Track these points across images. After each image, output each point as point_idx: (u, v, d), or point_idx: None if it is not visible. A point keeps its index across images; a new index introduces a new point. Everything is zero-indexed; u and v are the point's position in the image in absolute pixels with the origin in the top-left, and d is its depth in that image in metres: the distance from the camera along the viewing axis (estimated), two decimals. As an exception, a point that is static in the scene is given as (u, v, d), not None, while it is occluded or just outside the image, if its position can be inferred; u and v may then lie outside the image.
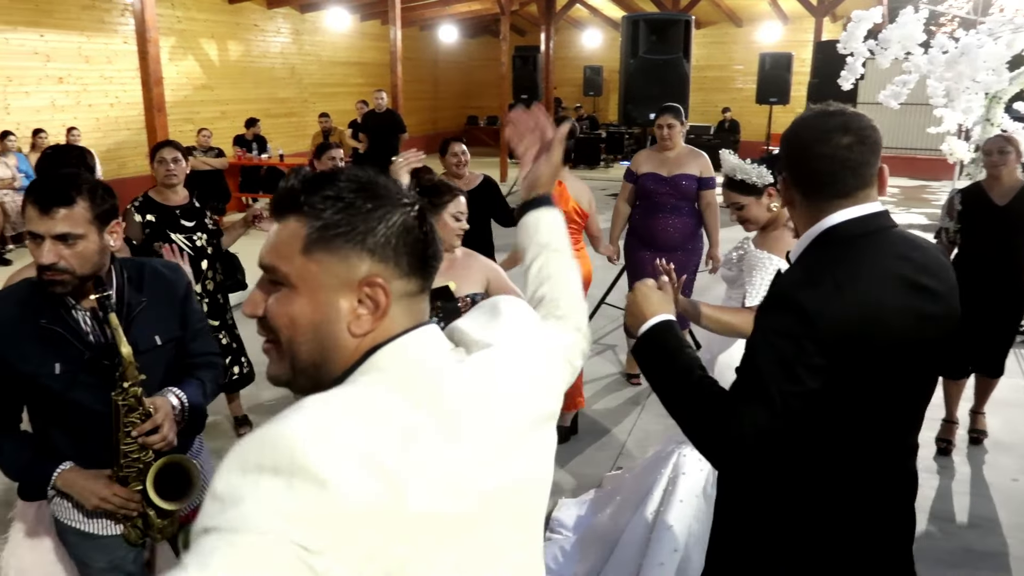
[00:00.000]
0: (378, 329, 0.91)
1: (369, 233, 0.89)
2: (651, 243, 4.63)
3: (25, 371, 1.76)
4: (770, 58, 12.29)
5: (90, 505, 1.85)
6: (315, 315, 0.89)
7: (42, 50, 9.63)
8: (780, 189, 1.52)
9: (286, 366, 0.92)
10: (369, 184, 0.92)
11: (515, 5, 15.34)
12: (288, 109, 14.30)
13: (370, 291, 0.89)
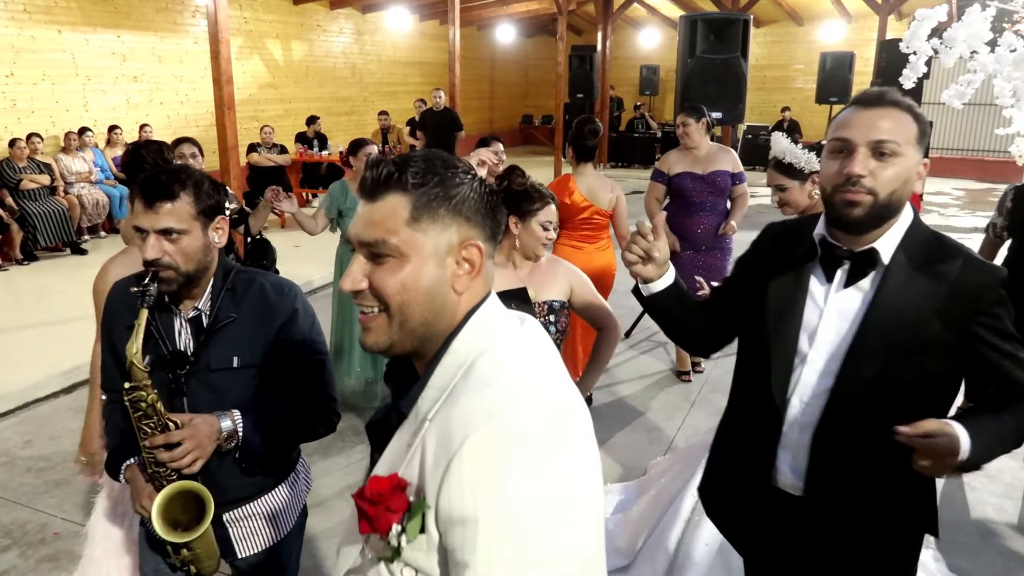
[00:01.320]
0: (472, 288, 1.03)
1: (463, 201, 1.01)
2: (686, 241, 4.69)
3: (122, 357, 1.71)
4: (831, 57, 12.08)
5: (135, 507, 1.77)
6: (424, 278, 0.99)
7: (119, 50, 10.08)
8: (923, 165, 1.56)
9: (395, 330, 1.01)
10: (447, 160, 1.03)
11: (572, 5, 15.38)
12: (349, 107, 14.63)
13: (467, 253, 1.01)
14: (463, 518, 0.89)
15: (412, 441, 0.99)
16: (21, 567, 3.19)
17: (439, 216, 1.00)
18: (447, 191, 1.00)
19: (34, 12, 9.00)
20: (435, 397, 0.99)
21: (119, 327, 1.76)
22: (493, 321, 1.04)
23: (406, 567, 0.97)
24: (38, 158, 8.51)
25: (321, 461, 4.05)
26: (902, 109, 1.52)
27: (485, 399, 0.93)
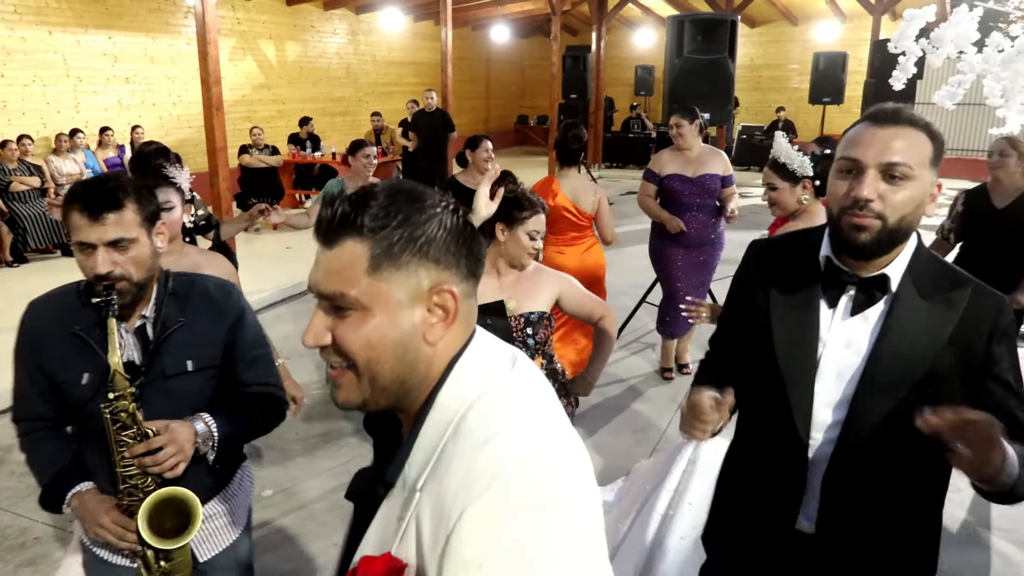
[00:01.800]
0: (449, 335, 0.93)
1: (431, 242, 0.90)
2: (679, 240, 4.72)
3: (56, 378, 1.71)
4: (824, 57, 12.08)
5: (89, 532, 1.73)
6: (392, 332, 0.90)
7: (111, 51, 10.06)
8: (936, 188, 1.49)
9: (365, 388, 0.92)
10: (413, 192, 0.92)
11: (567, 5, 15.37)
12: (344, 108, 14.62)
13: (439, 299, 0.91)
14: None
15: (403, 515, 0.90)
16: (1, 571, 3.18)
17: (403, 262, 0.89)
18: (411, 232, 0.89)
19: (24, 13, 8.98)
20: (424, 460, 0.90)
21: (49, 347, 1.72)
22: (480, 368, 0.95)
23: None
24: (28, 160, 8.49)
25: (306, 464, 4.04)
26: (918, 128, 1.43)
27: (480, 462, 0.85)
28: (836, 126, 16.66)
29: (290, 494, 3.74)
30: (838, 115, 16.19)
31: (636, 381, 5.12)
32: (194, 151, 10.78)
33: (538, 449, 0.88)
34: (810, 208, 2.88)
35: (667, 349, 5.17)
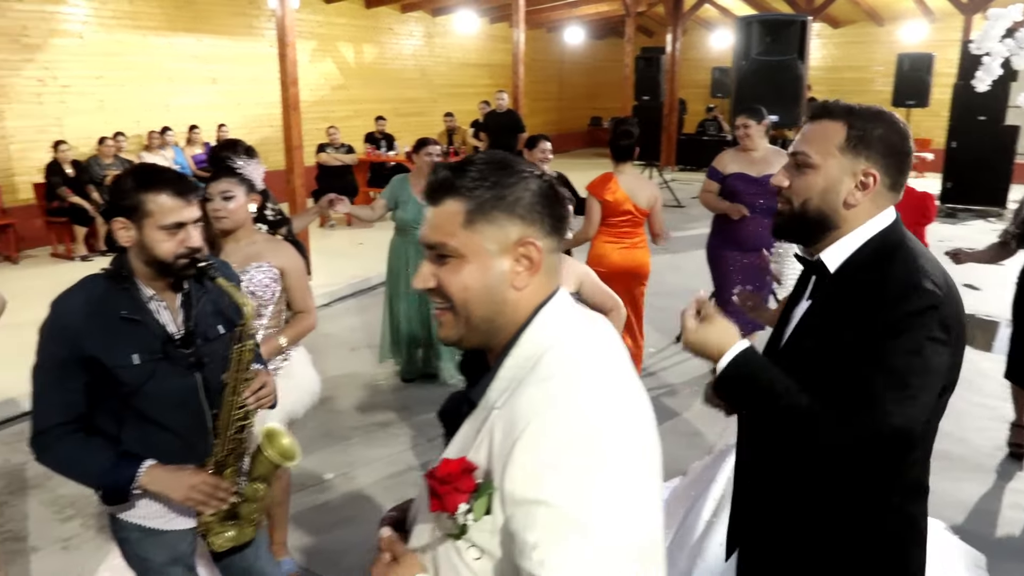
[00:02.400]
0: (533, 283, 1.08)
1: (517, 202, 1.06)
2: (737, 243, 4.68)
3: (106, 364, 1.78)
4: (909, 59, 11.65)
5: (179, 496, 1.82)
6: (484, 277, 1.06)
7: (199, 53, 10.57)
8: (866, 175, 1.50)
9: (461, 326, 1.09)
10: (504, 160, 1.09)
11: (641, 6, 15.29)
12: (417, 108, 14.91)
13: (524, 250, 1.06)
14: (525, 500, 0.94)
15: (480, 428, 1.05)
16: (81, 536, 3.43)
17: (493, 217, 1.05)
18: (500, 192, 1.05)
19: (122, 18, 9.52)
20: (503, 388, 1.05)
21: (93, 337, 1.79)
22: (562, 317, 1.09)
23: (471, 546, 1.02)
24: (123, 155, 9.01)
25: (364, 450, 4.19)
26: (834, 118, 1.51)
27: (548, 388, 0.99)
28: (922, 130, 16.03)
29: (348, 478, 3.90)
30: (924, 118, 15.58)
31: (694, 385, 5.10)
32: (274, 149, 11.17)
33: (599, 387, 1.02)
34: None
35: None
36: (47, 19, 8.76)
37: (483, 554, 1.02)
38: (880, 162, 1.50)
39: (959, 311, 1.47)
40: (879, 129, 1.49)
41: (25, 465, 4.04)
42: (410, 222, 4.69)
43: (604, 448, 0.96)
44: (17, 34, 8.49)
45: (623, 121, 4.47)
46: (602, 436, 0.96)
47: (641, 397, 1.08)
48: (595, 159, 17.39)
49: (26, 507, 3.66)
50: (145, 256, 1.82)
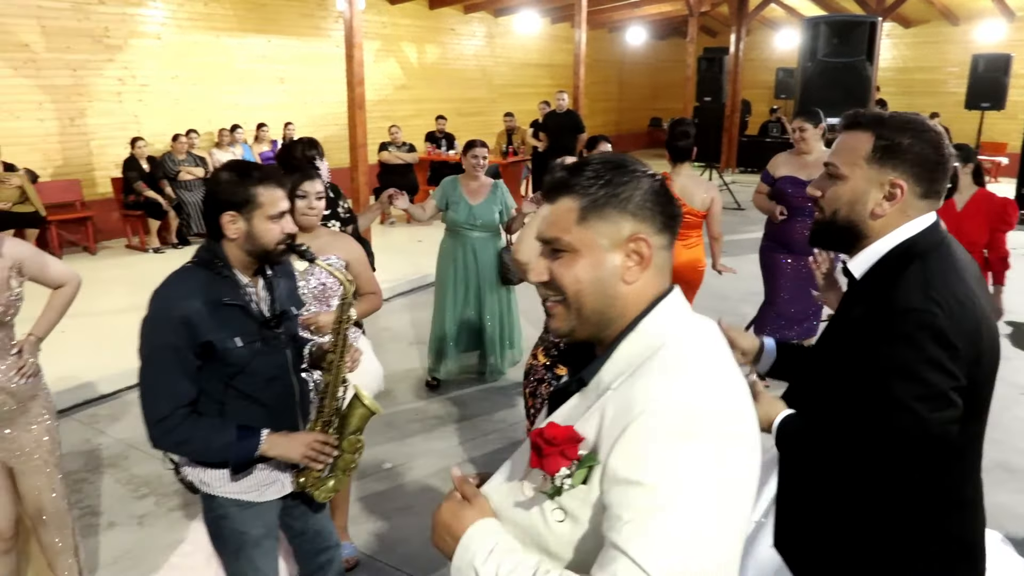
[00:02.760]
0: (644, 278, 1.12)
1: (629, 199, 1.11)
2: (788, 246, 4.63)
3: (218, 347, 1.92)
4: (984, 60, 11.26)
5: (296, 455, 2.00)
6: (596, 271, 1.11)
7: (268, 54, 10.88)
8: (893, 186, 1.51)
9: (573, 318, 1.14)
10: (619, 161, 1.15)
11: (705, 6, 15.12)
12: (477, 108, 15.04)
13: (635, 246, 1.11)
14: (628, 480, 0.98)
15: (591, 404, 1.09)
16: (155, 513, 3.60)
17: (606, 214, 1.10)
18: (613, 190, 1.11)
19: (197, 19, 9.88)
20: (619, 371, 1.09)
21: (204, 321, 1.91)
22: (679, 313, 1.14)
23: (557, 509, 1.07)
24: (194, 152, 9.35)
25: (422, 443, 4.29)
26: (862, 129, 1.53)
27: (670, 380, 1.03)
28: (997, 132, 15.47)
29: (407, 468, 4.00)
30: (999, 121, 15.03)
31: (751, 387, 5.06)
32: (337, 147, 11.44)
33: (718, 388, 1.06)
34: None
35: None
36: (127, 21, 9.15)
37: (567, 517, 1.06)
38: (908, 172, 1.50)
39: (973, 327, 1.44)
40: (907, 139, 1.49)
41: (102, 445, 4.25)
42: (461, 223, 4.74)
43: (714, 444, 0.99)
44: (100, 35, 8.89)
45: (681, 122, 4.49)
46: (713, 433, 1.00)
47: (748, 399, 1.10)
48: (654, 160, 17.25)
49: (103, 485, 3.86)
50: (251, 245, 1.97)
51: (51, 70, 8.51)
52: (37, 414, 2.60)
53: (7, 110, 8.18)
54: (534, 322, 6.31)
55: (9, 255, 2.45)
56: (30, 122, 8.39)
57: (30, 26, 8.25)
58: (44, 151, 8.58)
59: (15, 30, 8.13)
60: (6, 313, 2.43)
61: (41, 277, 2.61)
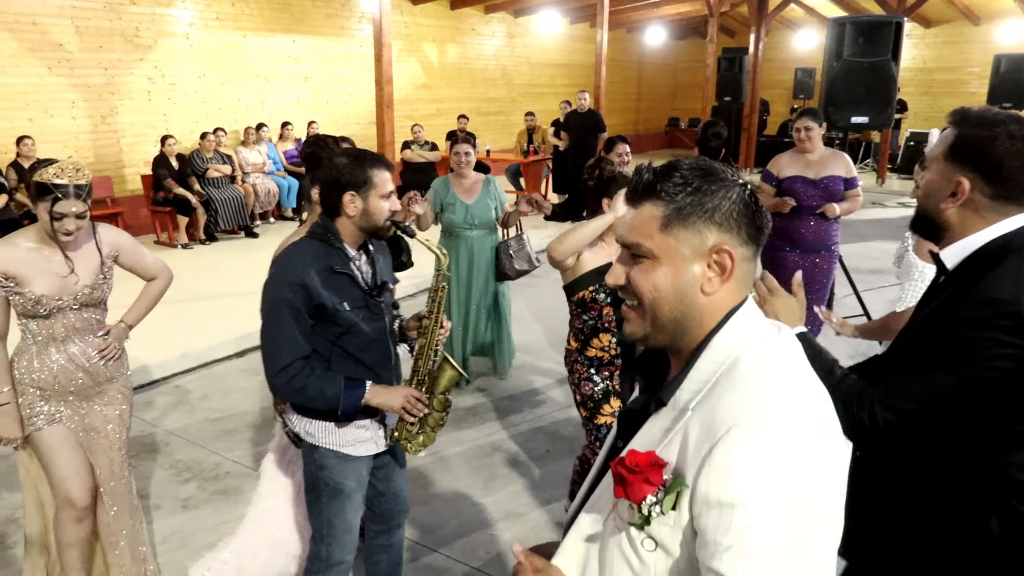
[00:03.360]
0: (724, 290, 1.09)
1: (716, 209, 1.07)
2: (793, 243, 4.69)
3: (329, 307, 2.17)
4: (1006, 59, 11.23)
5: (396, 405, 2.23)
6: (675, 280, 1.08)
7: (293, 53, 11.04)
8: (957, 184, 1.55)
9: (647, 324, 1.12)
10: (709, 168, 1.10)
11: (725, 6, 15.14)
12: (498, 107, 15.16)
13: (718, 257, 1.08)
14: (719, 502, 0.94)
15: (672, 427, 1.06)
16: (199, 496, 3.73)
17: (691, 223, 1.07)
18: (700, 199, 1.07)
19: (225, 20, 10.05)
20: (696, 389, 1.06)
21: (319, 285, 2.17)
22: (754, 324, 1.10)
23: (647, 538, 1.04)
24: (222, 150, 9.51)
25: (454, 433, 4.39)
26: (953, 126, 1.58)
27: (752, 395, 1.00)
28: (1018, 134, 15.39)
29: (439, 458, 4.10)
30: (1021, 122, 14.95)
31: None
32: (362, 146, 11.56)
33: (804, 401, 1.02)
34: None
35: None
36: (157, 21, 9.33)
37: (657, 547, 1.04)
38: (975, 172, 1.52)
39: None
40: (983, 139, 1.51)
41: (144, 432, 4.39)
42: (459, 224, 4.68)
43: (804, 459, 0.96)
44: (131, 35, 9.07)
45: (714, 123, 4.60)
46: (803, 447, 0.96)
47: (830, 405, 1.06)
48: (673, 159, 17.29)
49: (148, 470, 3.99)
50: (365, 221, 2.23)
51: (84, 69, 8.70)
52: (113, 397, 2.73)
53: (42, 108, 8.38)
54: (537, 315, 6.40)
55: (109, 241, 2.64)
56: (64, 120, 8.58)
57: (65, 26, 8.45)
58: (76, 148, 8.76)
59: (50, 30, 8.33)
60: (93, 296, 2.57)
61: (137, 267, 2.79)
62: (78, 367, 2.59)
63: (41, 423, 2.57)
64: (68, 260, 2.53)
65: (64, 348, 2.57)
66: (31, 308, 2.49)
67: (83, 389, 2.63)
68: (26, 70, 8.20)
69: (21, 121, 8.15)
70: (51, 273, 2.50)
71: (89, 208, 2.49)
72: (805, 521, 0.94)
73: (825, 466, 0.98)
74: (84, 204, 2.45)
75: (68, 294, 2.52)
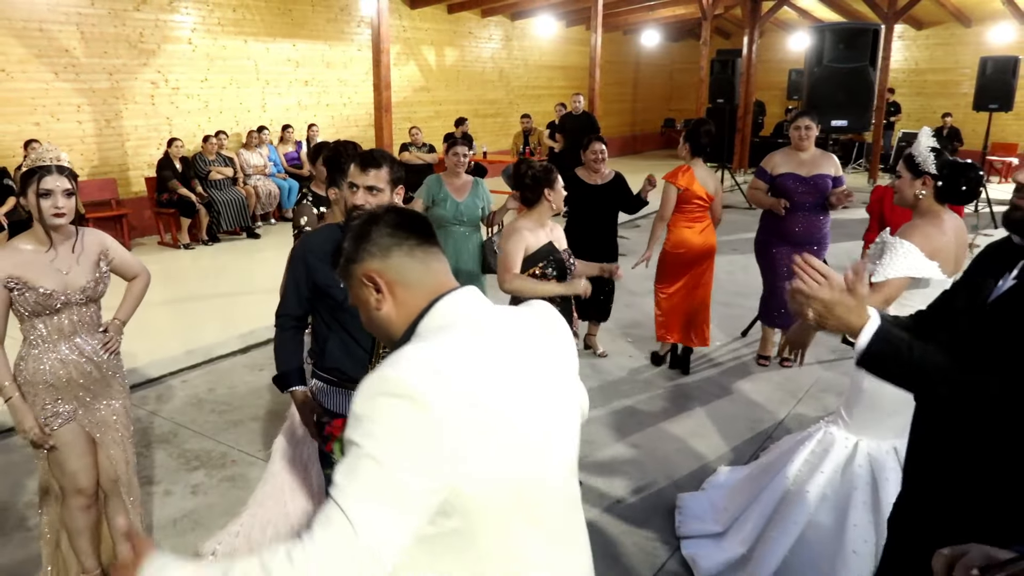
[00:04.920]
0: (385, 304, 1.37)
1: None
2: (786, 239, 4.95)
3: (322, 285, 2.51)
4: (992, 62, 11.41)
5: (300, 420, 2.61)
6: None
7: (293, 57, 11.24)
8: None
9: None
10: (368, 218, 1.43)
11: (718, 9, 15.33)
12: (495, 110, 15.37)
13: (366, 280, 1.38)
14: (346, 443, 1.16)
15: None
16: (207, 483, 3.93)
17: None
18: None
19: (226, 25, 10.25)
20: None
21: (320, 266, 2.51)
22: (457, 307, 1.33)
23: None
24: (224, 152, 9.72)
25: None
26: None
27: (387, 360, 1.20)
28: (1009, 134, 15.62)
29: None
30: (1013, 122, 15.19)
31: (758, 376, 5.33)
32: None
33: (423, 360, 1.19)
34: (933, 209, 2.88)
35: (767, 338, 5.50)
36: (161, 27, 9.53)
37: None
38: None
39: None
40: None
41: (153, 424, 4.59)
42: (448, 219, 4.87)
43: (402, 410, 1.14)
44: (135, 41, 9.28)
45: (704, 122, 4.93)
46: (406, 400, 1.14)
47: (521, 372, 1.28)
48: (668, 160, 17.50)
49: (157, 458, 4.19)
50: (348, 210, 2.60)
51: (90, 74, 8.90)
52: (116, 390, 2.92)
53: (49, 112, 8.58)
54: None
55: (97, 241, 2.82)
56: (70, 124, 8.79)
57: (71, 32, 8.65)
58: (83, 152, 8.97)
59: (57, 36, 8.53)
60: (96, 290, 2.76)
61: (123, 266, 2.94)
62: (87, 359, 2.77)
63: (57, 424, 2.73)
64: (67, 256, 2.67)
65: (72, 342, 2.73)
66: (43, 304, 2.61)
67: (92, 382, 2.79)
68: (34, 75, 8.41)
69: (28, 125, 8.35)
70: (54, 271, 2.65)
71: (75, 193, 2.60)
72: (399, 454, 1.12)
73: (434, 418, 1.14)
74: (69, 182, 2.56)
75: (72, 290, 2.67)
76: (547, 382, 1.34)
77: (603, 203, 5.21)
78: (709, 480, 3.86)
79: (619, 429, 4.51)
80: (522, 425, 1.25)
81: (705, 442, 4.36)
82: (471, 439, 1.17)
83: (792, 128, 5.01)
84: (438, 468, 1.15)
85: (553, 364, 1.39)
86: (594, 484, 3.89)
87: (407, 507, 1.14)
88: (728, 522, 3.34)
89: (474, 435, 1.18)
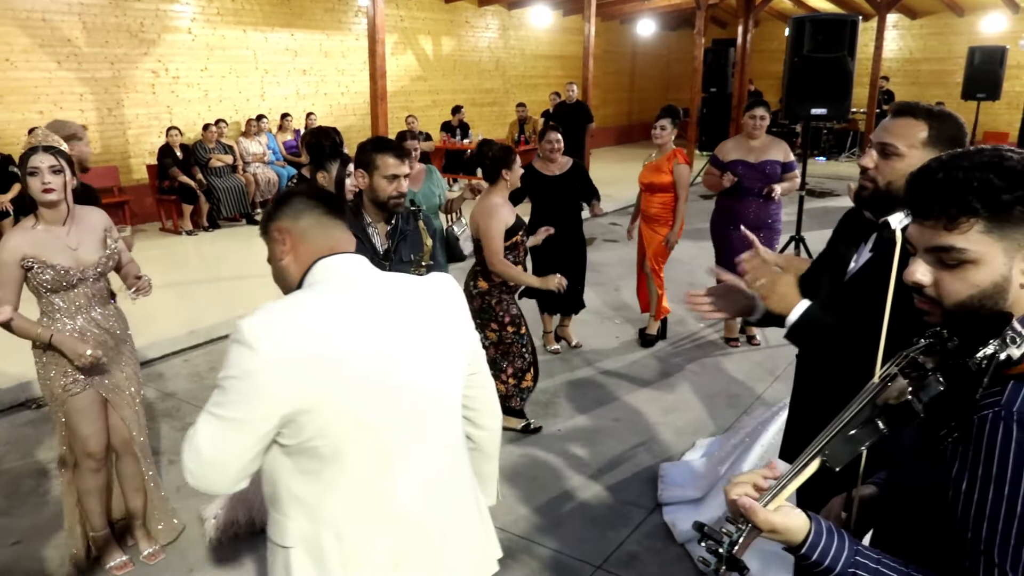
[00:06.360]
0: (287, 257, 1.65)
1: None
2: (738, 220, 5.10)
3: None
4: (980, 52, 11.58)
5: None
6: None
7: (292, 47, 11.39)
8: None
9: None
10: None
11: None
12: (492, 99, 15.51)
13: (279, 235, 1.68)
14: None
15: None
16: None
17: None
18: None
19: (225, 15, 10.40)
20: None
21: None
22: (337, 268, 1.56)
23: None
24: (223, 141, 9.89)
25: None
26: (916, 117, 1.81)
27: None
28: (1000, 123, 15.77)
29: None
30: (1004, 111, 15.34)
31: (736, 355, 5.54)
32: (358, 136, 11.92)
33: (272, 313, 1.43)
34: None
35: (730, 321, 5.65)
36: (161, 16, 9.68)
37: None
38: None
39: None
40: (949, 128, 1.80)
41: (156, 400, 4.79)
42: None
43: (241, 351, 1.38)
44: (136, 30, 9.43)
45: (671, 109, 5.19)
46: (244, 343, 1.37)
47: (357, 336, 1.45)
48: (664, 149, 17.64)
49: (161, 431, 4.40)
50: (372, 195, 2.95)
51: (92, 63, 9.07)
52: (128, 356, 3.13)
53: (52, 101, 8.75)
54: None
55: (101, 221, 3.01)
56: (73, 112, 8.95)
57: (73, 22, 8.81)
58: (85, 140, 9.13)
59: (60, 26, 8.69)
60: (107, 266, 2.96)
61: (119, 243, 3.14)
62: (103, 330, 2.97)
63: (77, 388, 2.93)
64: (75, 232, 2.84)
65: (88, 315, 2.92)
66: (61, 280, 2.79)
67: (107, 350, 2.98)
68: (37, 64, 8.57)
69: (32, 114, 8.52)
70: (65, 247, 2.81)
71: (65, 170, 2.73)
72: (230, 372, 1.38)
73: (257, 360, 1.36)
74: (56, 160, 2.70)
75: (84, 264, 2.85)
76: (418, 337, 1.54)
77: (561, 193, 5.26)
78: (689, 450, 4.09)
79: (603, 403, 4.72)
80: (374, 370, 1.45)
81: (686, 416, 4.58)
82: (303, 378, 1.38)
83: (747, 117, 5.21)
84: (264, 401, 1.38)
85: (434, 323, 1.58)
86: (578, 453, 4.10)
87: (241, 429, 1.39)
88: (706, 488, 3.55)
89: (307, 374, 1.38)
